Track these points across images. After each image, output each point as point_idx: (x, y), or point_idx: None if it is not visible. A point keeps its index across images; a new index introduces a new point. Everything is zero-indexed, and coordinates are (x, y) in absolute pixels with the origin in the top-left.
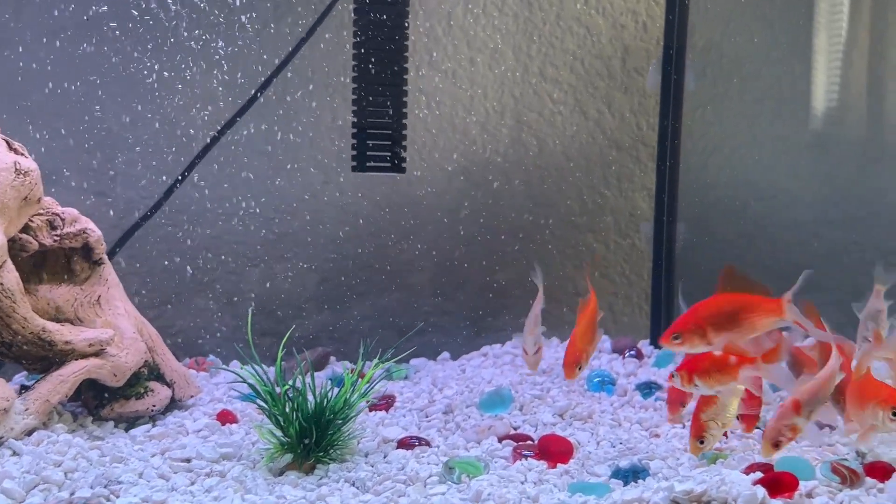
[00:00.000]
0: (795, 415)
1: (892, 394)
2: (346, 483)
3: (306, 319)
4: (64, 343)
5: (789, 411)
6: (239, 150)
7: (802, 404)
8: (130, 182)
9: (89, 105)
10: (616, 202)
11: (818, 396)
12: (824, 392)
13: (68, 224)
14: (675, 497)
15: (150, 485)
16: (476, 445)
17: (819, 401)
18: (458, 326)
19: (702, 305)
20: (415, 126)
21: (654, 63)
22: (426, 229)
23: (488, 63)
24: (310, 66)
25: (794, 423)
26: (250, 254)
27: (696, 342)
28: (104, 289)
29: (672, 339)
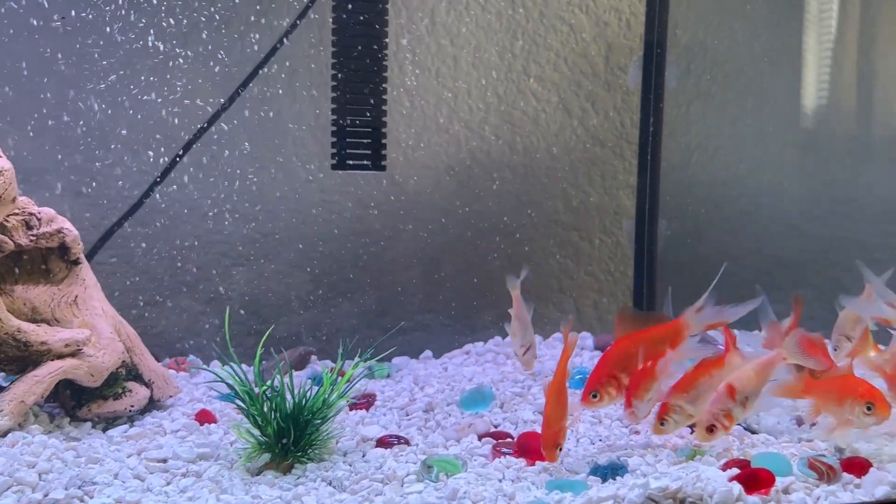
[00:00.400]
0: (730, 400)
1: (869, 389)
2: (322, 482)
3: (290, 318)
4: (40, 343)
5: (724, 397)
6: (220, 148)
7: (737, 390)
8: (111, 182)
9: (68, 104)
10: (600, 200)
11: (754, 383)
12: (760, 379)
13: (45, 224)
14: (650, 494)
15: (124, 485)
16: (456, 444)
17: (755, 388)
18: (442, 325)
19: (608, 355)
20: (398, 124)
21: (635, 60)
22: (410, 228)
23: (472, 61)
24: (293, 64)
25: (728, 410)
26: (233, 253)
27: (614, 393)
28: (81, 289)
29: (591, 399)
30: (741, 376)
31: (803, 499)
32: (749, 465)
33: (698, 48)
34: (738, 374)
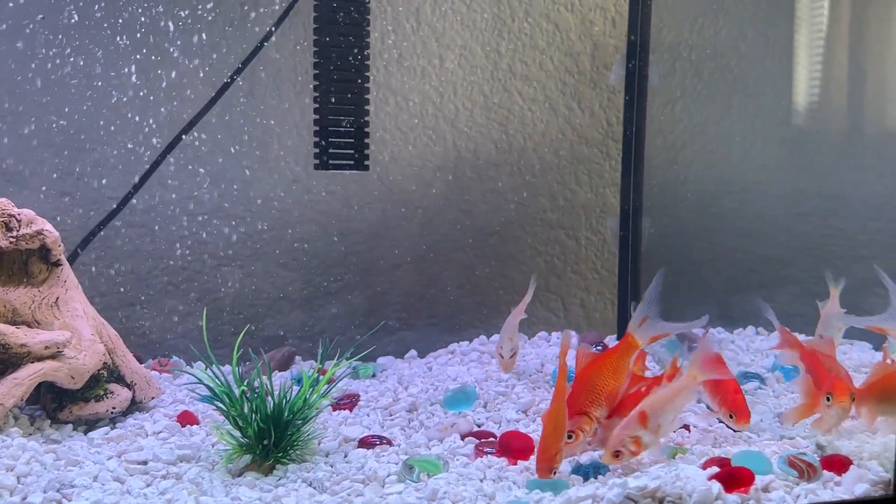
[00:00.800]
0: (641, 427)
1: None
2: (303, 483)
3: (276, 319)
4: (19, 346)
5: (634, 423)
6: (205, 148)
7: (649, 417)
8: (95, 182)
9: (51, 105)
10: (587, 198)
11: (666, 409)
12: (674, 406)
13: (24, 225)
14: (629, 493)
15: (103, 488)
16: (438, 443)
17: (667, 414)
18: (428, 324)
19: (574, 394)
20: (384, 124)
21: (618, 57)
22: (396, 228)
23: (457, 60)
24: (278, 64)
25: (637, 436)
26: (219, 253)
27: (587, 427)
28: (62, 290)
29: (568, 441)
30: (654, 402)
31: (783, 497)
32: (729, 464)
33: (683, 46)
34: (652, 399)
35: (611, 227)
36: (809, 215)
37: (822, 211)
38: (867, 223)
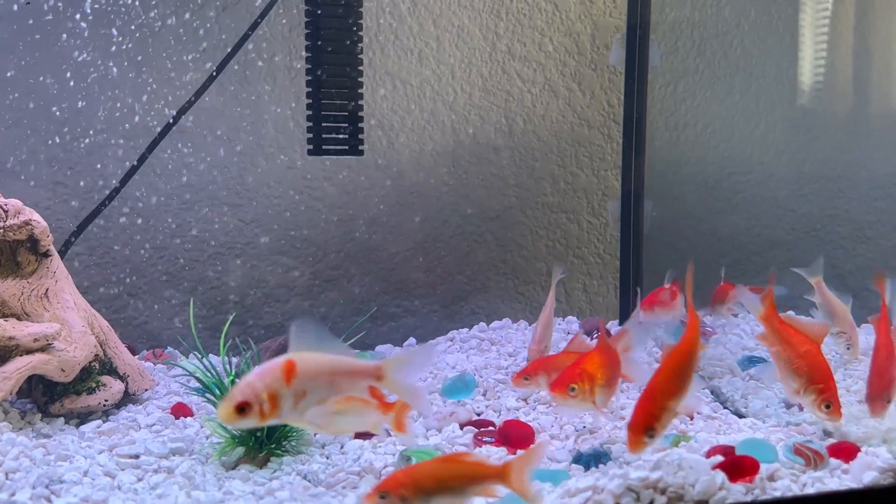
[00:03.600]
0: None
1: None
2: (298, 476)
3: (274, 307)
4: (7, 339)
5: None
6: (199, 135)
7: None
8: (88, 172)
9: (42, 93)
10: (588, 181)
11: None
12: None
13: (11, 216)
14: (630, 484)
15: (93, 483)
16: (437, 433)
17: None
18: (428, 311)
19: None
20: (381, 108)
21: (617, 37)
22: (394, 213)
23: (455, 42)
24: (271, 48)
25: None
26: (214, 242)
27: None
28: (52, 282)
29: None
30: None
31: (789, 486)
32: (734, 452)
33: (685, 24)
34: None
35: (612, 211)
36: (814, 196)
37: (827, 192)
38: (872, 204)
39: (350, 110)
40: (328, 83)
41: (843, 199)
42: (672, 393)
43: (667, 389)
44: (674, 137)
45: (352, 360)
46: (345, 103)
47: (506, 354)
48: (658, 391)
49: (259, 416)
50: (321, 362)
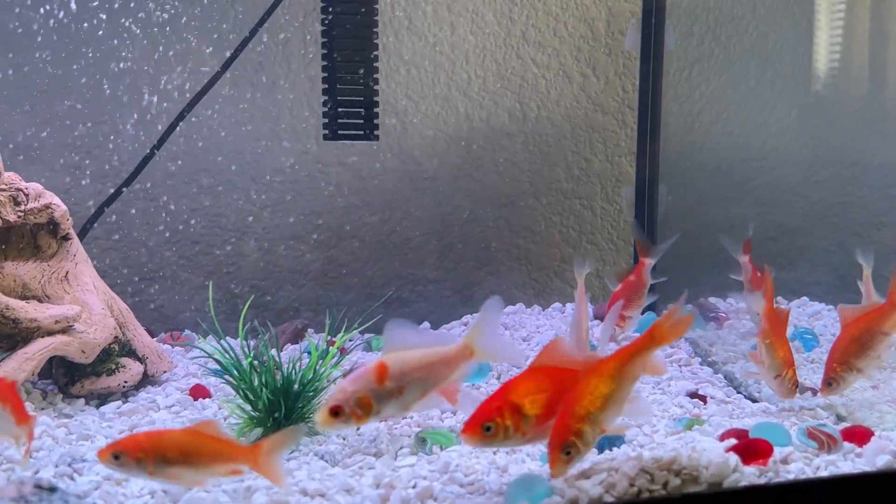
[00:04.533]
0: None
1: None
2: (315, 456)
3: (289, 291)
4: (29, 320)
5: None
6: (216, 120)
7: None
8: (107, 155)
9: (61, 78)
10: (602, 167)
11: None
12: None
13: (32, 199)
14: (644, 466)
15: None
16: (451, 416)
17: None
18: (442, 296)
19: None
20: (395, 93)
21: (632, 22)
22: (409, 199)
23: (469, 27)
24: (286, 33)
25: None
26: (230, 226)
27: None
28: (72, 264)
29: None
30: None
31: (802, 469)
32: (747, 436)
33: (701, 9)
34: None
35: (626, 197)
36: (828, 183)
37: (841, 178)
38: (887, 190)
39: (365, 95)
40: (343, 68)
41: (857, 186)
42: (596, 407)
43: (590, 403)
44: (688, 123)
45: (440, 349)
46: (360, 88)
47: (519, 339)
48: (578, 405)
49: (354, 418)
50: (411, 359)
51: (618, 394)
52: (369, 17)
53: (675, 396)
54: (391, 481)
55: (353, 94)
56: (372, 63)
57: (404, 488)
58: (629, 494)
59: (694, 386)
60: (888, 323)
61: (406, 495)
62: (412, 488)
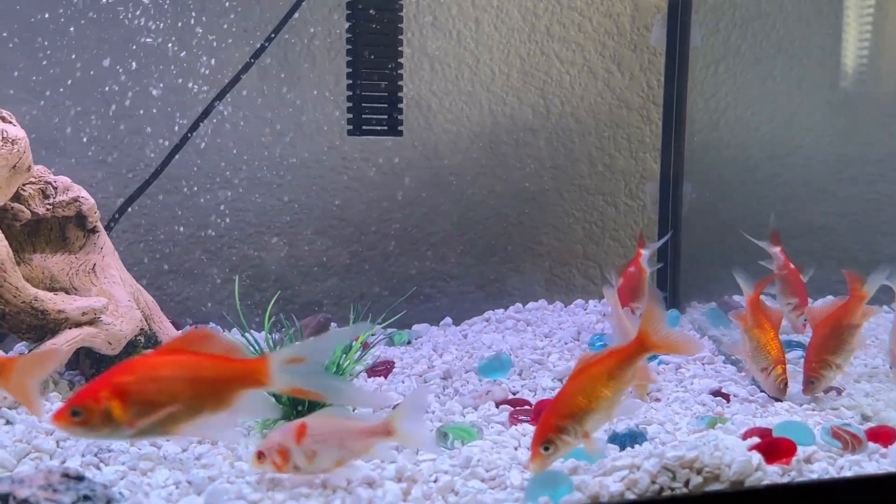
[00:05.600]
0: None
1: None
2: None
3: (312, 286)
4: (57, 312)
5: None
6: (241, 115)
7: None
8: (133, 149)
9: (88, 73)
10: (626, 163)
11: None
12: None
13: (61, 192)
14: (666, 463)
15: (140, 453)
16: (473, 411)
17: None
18: (464, 291)
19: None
20: (419, 88)
21: (658, 17)
22: (432, 194)
23: (493, 23)
24: (311, 29)
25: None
26: (254, 220)
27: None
28: (99, 257)
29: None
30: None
31: (826, 468)
32: (770, 434)
33: (727, 5)
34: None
35: (650, 193)
36: (854, 180)
37: (868, 176)
38: None
39: (389, 91)
40: (368, 64)
41: (884, 183)
42: (580, 407)
43: (575, 403)
44: (714, 119)
45: (361, 423)
46: (384, 84)
47: (541, 335)
48: (564, 403)
49: (274, 466)
50: (331, 426)
51: (605, 398)
52: (395, 12)
53: (697, 394)
54: (413, 475)
55: (377, 89)
56: (396, 58)
57: (426, 482)
58: (651, 492)
59: (717, 384)
60: (855, 315)
61: (427, 489)
62: (433, 482)
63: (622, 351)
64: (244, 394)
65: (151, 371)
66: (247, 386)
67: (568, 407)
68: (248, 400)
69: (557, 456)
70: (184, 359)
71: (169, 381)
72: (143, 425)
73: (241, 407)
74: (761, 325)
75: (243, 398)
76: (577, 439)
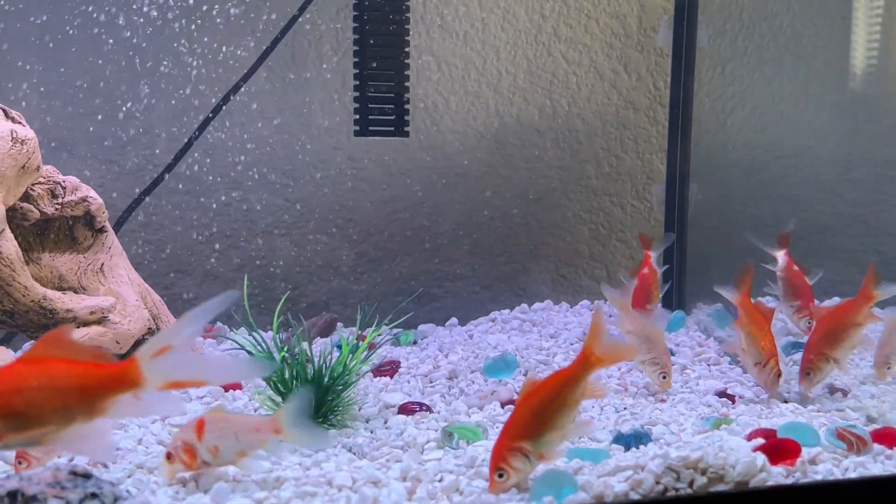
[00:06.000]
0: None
1: None
2: (343, 449)
3: (319, 286)
4: (65, 311)
5: None
6: (248, 115)
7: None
8: (140, 150)
9: (98, 72)
10: (633, 164)
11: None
12: None
13: (69, 192)
14: (670, 464)
15: (147, 451)
16: (479, 411)
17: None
18: (470, 292)
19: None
20: (426, 90)
21: (665, 19)
22: (438, 195)
23: (500, 24)
24: (318, 30)
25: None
26: (262, 221)
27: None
28: (107, 256)
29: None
30: None
31: (830, 470)
32: (775, 435)
33: (734, 6)
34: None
35: (656, 195)
36: (861, 182)
37: (875, 177)
38: None
39: (396, 91)
40: (375, 65)
41: (892, 185)
42: (531, 429)
43: (524, 427)
44: (720, 120)
45: (254, 419)
46: (391, 84)
47: (547, 336)
48: (513, 428)
49: (183, 464)
50: (227, 421)
51: (556, 418)
52: (401, 13)
53: (703, 395)
54: (418, 475)
55: (384, 89)
56: (403, 59)
57: (430, 482)
58: (655, 492)
59: (722, 385)
60: (860, 314)
61: (432, 489)
62: (438, 482)
63: (568, 370)
64: (117, 399)
65: (17, 381)
66: (120, 390)
67: (518, 431)
68: None
69: (514, 481)
70: (51, 366)
71: (36, 391)
72: (13, 439)
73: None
74: (755, 320)
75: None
76: (532, 463)
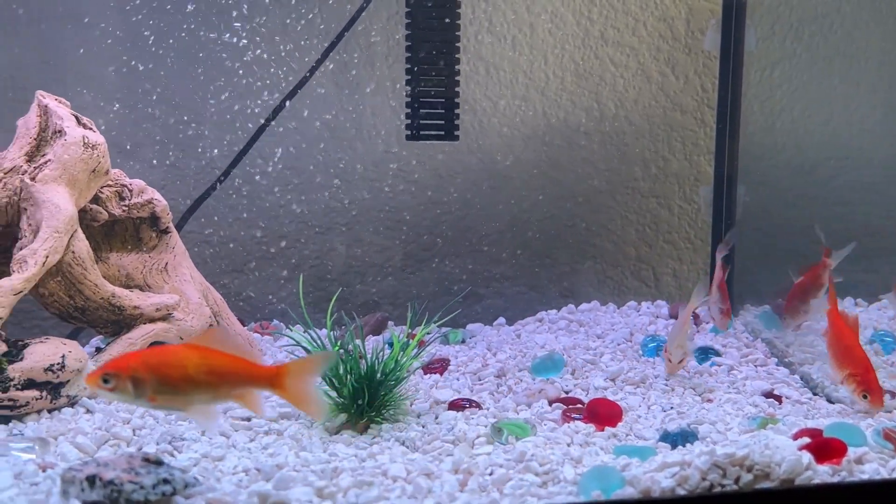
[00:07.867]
0: None
1: None
2: (396, 442)
3: (370, 285)
4: (132, 308)
5: None
6: (302, 120)
7: None
8: (201, 153)
9: (160, 79)
10: (680, 166)
11: None
12: None
13: (136, 195)
14: (716, 461)
15: (211, 442)
16: (526, 408)
17: None
18: (517, 292)
19: None
20: (474, 93)
21: (712, 22)
22: (485, 197)
23: (548, 28)
24: (370, 36)
25: None
26: (314, 222)
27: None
28: (171, 256)
29: None
30: None
31: (877, 469)
32: (821, 435)
33: (783, 8)
34: None
35: (704, 196)
36: None
37: None
38: None
39: (446, 97)
40: (426, 70)
41: None
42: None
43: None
44: (769, 122)
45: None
46: (441, 90)
47: (594, 336)
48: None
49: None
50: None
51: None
52: (452, 19)
53: (750, 396)
54: (469, 468)
55: (434, 95)
56: (453, 65)
57: (481, 475)
58: (701, 488)
59: (769, 386)
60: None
61: (483, 482)
62: (489, 475)
63: (253, 368)
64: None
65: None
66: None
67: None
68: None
69: (117, 397)
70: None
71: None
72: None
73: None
74: (838, 334)
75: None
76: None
